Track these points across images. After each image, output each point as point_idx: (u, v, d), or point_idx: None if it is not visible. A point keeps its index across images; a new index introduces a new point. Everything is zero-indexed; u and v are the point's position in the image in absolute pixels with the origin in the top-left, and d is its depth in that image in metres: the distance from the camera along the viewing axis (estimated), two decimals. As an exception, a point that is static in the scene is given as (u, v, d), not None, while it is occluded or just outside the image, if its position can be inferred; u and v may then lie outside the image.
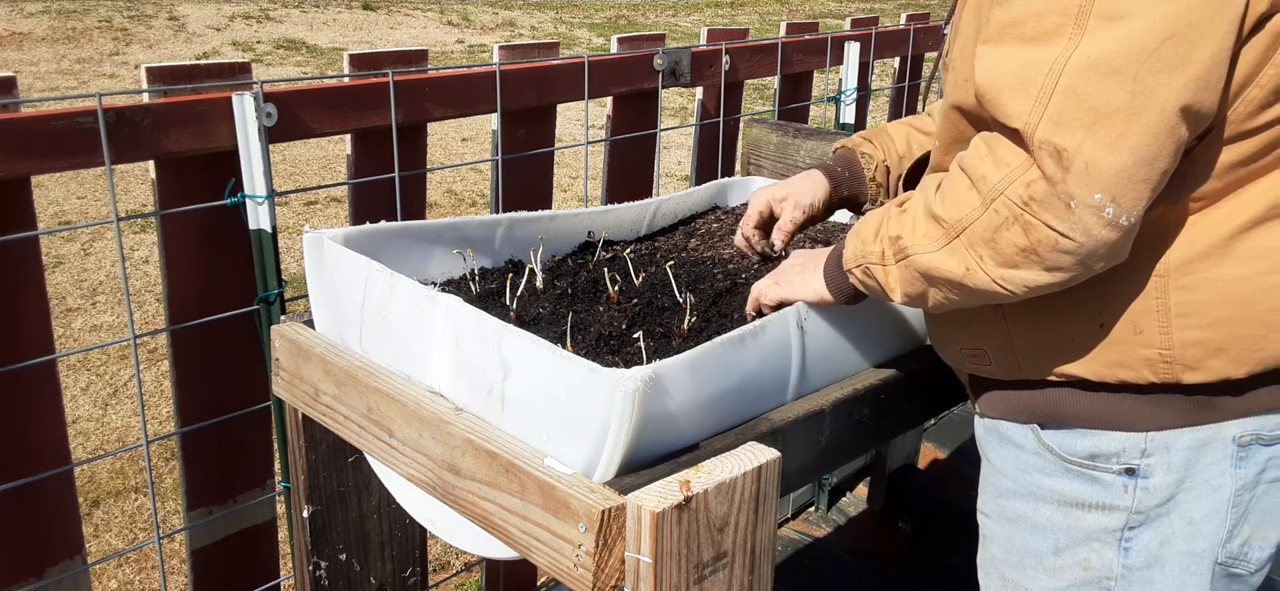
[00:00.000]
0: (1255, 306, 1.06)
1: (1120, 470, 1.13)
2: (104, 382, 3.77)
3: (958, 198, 1.04)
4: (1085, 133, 0.94)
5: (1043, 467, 1.19)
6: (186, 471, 1.74)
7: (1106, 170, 0.94)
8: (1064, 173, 0.95)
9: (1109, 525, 1.15)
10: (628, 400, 0.98)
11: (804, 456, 1.25)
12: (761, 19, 14.39)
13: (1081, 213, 0.96)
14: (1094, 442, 1.14)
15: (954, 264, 1.05)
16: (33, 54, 9.50)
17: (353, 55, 1.79)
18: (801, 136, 2.11)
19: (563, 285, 1.46)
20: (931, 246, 1.07)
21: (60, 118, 1.42)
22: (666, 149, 7.12)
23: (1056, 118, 0.95)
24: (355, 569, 1.58)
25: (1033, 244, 0.99)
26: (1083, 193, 0.95)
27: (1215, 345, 1.07)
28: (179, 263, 1.64)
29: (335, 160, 6.57)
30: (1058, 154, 0.95)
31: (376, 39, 11.77)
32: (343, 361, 1.29)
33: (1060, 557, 1.19)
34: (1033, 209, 0.98)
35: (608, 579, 0.99)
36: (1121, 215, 0.96)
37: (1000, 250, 1.01)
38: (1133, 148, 0.94)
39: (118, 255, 2.52)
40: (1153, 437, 1.12)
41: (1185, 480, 1.12)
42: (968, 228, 1.03)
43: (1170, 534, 1.14)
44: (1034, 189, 0.97)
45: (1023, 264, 1.01)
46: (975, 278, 1.04)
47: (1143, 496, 1.13)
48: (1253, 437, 1.11)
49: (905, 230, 1.11)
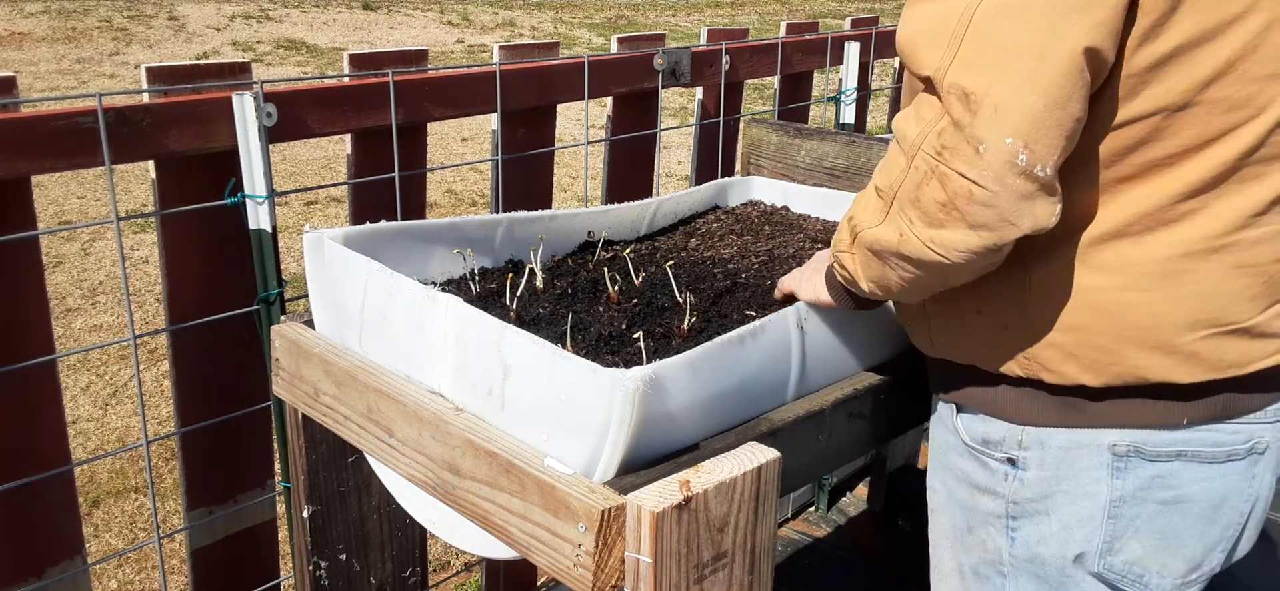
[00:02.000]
0: (1109, 318, 1.04)
1: (1003, 458, 1.17)
2: (104, 382, 3.77)
3: (889, 162, 1.03)
4: (995, 74, 0.92)
5: (956, 448, 1.23)
6: (186, 471, 1.74)
7: (1016, 111, 0.91)
8: (972, 116, 0.92)
9: (995, 510, 1.19)
10: (628, 400, 0.98)
11: (804, 456, 1.25)
12: (761, 19, 14.39)
13: (991, 157, 0.92)
14: (986, 428, 1.18)
15: (891, 233, 1.03)
16: (33, 54, 9.50)
17: (353, 55, 1.79)
18: (801, 136, 2.11)
19: (563, 285, 1.46)
20: (875, 220, 1.05)
21: (60, 118, 1.42)
22: (666, 149, 7.12)
23: (966, 60, 0.93)
24: (355, 569, 1.58)
25: (950, 196, 0.95)
26: (992, 136, 0.91)
27: (1068, 350, 1.07)
28: (179, 263, 1.64)
29: (335, 160, 6.58)
30: (965, 97, 0.93)
31: (376, 39, 11.77)
32: (343, 361, 1.29)
33: (971, 535, 1.24)
34: (945, 158, 0.95)
35: (608, 579, 0.99)
36: (1036, 164, 0.92)
37: (924, 209, 0.98)
38: (1042, 89, 0.91)
39: (118, 255, 2.52)
40: (1028, 432, 1.14)
41: (1059, 480, 1.13)
42: (898, 191, 1.01)
43: (1047, 533, 1.15)
44: (945, 137, 0.94)
45: (947, 221, 0.97)
46: (909, 244, 1.01)
47: (1019, 488, 1.16)
48: (1131, 449, 1.09)
49: (857, 209, 1.09)
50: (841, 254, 1.15)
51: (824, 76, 2.89)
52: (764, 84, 7.94)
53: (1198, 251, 1.02)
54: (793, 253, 1.68)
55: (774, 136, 2.15)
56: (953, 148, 0.94)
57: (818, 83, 2.85)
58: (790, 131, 2.13)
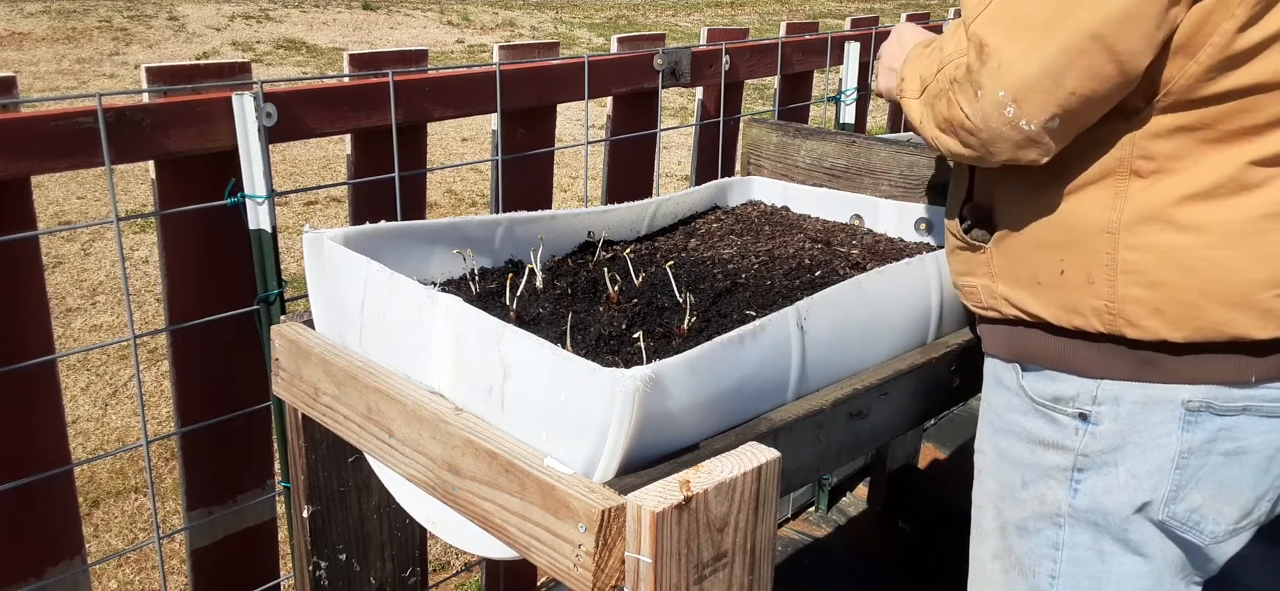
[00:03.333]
0: (1194, 274, 1.11)
1: (1075, 414, 1.22)
2: (104, 382, 3.77)
3: (930, 59, 1.21)
4: (1007, 35, 1.07)
5: (1020, 407, 1.28)
6: (186, 471, 1.73)
7: (1015, 73, 1.07)
8: (981, 65, 1.09)
9: (1061, 464, 1.24)
10: (628, 400, 0.98)
11: (804, 456, 1.25)
12: (761, 19, 14.39)
13: (984, 102, 1.09)
14: (1058, 386, 1.23)
15: (915, 114, 1.24)
16: (33, 54, 9.50)
17: (353, 55, 1.79)
18: (801, 136, 2.11)
19: (563, 285, 1.46)
20: (912, 93, 1.25)
21: (60, 118, 1.42)
22: (666, 149, 7.12)
23: (992, 16, 1.09)
24: (355, 569, 1.58)
25: (949, 116, 1.15)
26: (990, 85, 1.08)
27: (1153, 306, 1.13)
28: (179, 262, 1.64)
29: (335, 160, 6.57)
30: (981, 47, 1.09)
31: (376, 39, 11.77)
32: (342, 361, 1.29)
33: (1025, 491, 1.29)
34: (955, 89, 1.13)
35: (608, 579, 0.99)
36: (1022, 119, 1.08)
37: (936, 114, 1.18)
38: (1041, 59, 1.05)
39: (118, 255, 2.52)
40: (1104, 386, 1.19)
41: (1131, 433, 1.18)
42: (927, 88, 1.20)
43: (1115, 483, 1.21)
44: (958, 72, 1.13)
45: (945, 131, 1.17)
46: (924, 130, 1.22)
47: (1090, 441, 1.21)
48: (1203, 405, 1.16)
49: (908, 74, 1.27)
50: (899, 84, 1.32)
51: (824, 76, 2.89)
52: (764, 84, 7.94)
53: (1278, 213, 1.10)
54: (792, 252, 1.68)
55: (774, 136, 2.15)
56: (961, 84, 1.12)
57: (818, 83, 2.85)
58: (790, 131, 2.13)
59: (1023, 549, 1.30)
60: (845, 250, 1.71)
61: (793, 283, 1.52)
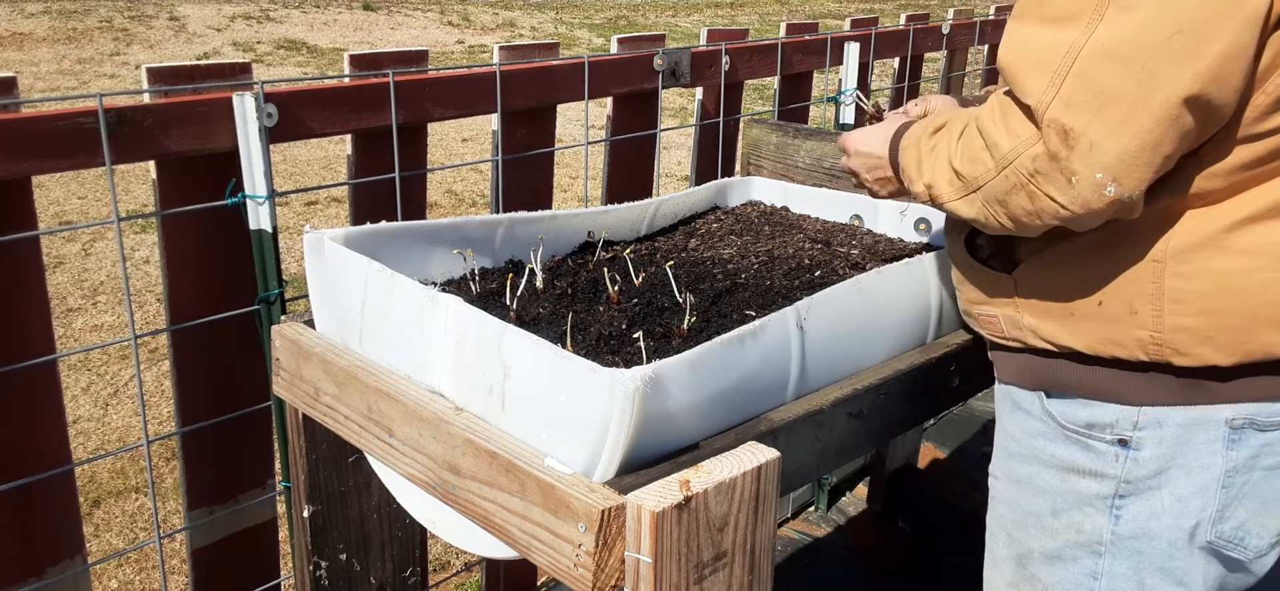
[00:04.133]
0: (1246, 299, 1.09)
1: (1113, 440, 1.19)
2: (104, 382, 3.77)
3: (974, 157, 1.13)
4: (1092, 116, 1.00)
5: (1046, 433, 1.24)
6: (187, 471, 1.74)
7: (1109, 152, 1.00)
8: (1069, 151, 1.02)
9: (1100, 492, 1.20)
10: (628, 400, 0.98)
11: (804, 456, 1.25)
12: (761, 19, 14.39)
13: (1082, 188, 1.03)
14: (1091, 413, 1.19)
15: (973, 212, 1.16)
16: (33, 54, 9.50)
17: (353, 55, 1.79)
18: (801, 136, 2.11)
19: (563, 285, 1.46)
20: (954, 195, 1.17)
21: (61, 118, 1.42)
22: (666, 149, 7.12)
23: (1067, 99, 1.02)
24: (355, 569, 1.58)
25: (1037, 209, 1.07)
26: (1085, 170, 1.02)
27: (1204, 333, 1.11)
28: (179, 262, 1.64)
29: (335, 160, 6.58)
30: (1064, 133, 1.02)
31: (377, 39, 11.77)
32: (343, 361, 1.29)
33: (1057, 520, 1.25)
34: (1038, 181, 1.05)
35: (608, 578, 0.99)
36: (1123, 193, 1.02)
37: (1010, 210, 1.10)
38: (1136, 133, 1.00)
39: (118, 255, 2.52)
40: (1145, 412, 1.16)
41: (1176, 456, 1.16)
42: (982, 187, 1.12)
43: (1160, 508, 1.18)
44: (1039, 164, 1.05)
45: (1029, 222, 1.10)
46: (993, 224, 1.14)
47: (1132, 467, 1.18)
48: (1246, 422, 1.14)
49: (936, 181, 1.20)
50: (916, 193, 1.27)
51: (824, 77, 2.89)
52: (764, 84, 7.94)
53: None
54: (792, 252, 1.68)
55: (774, 136, 2.16)
56: (1046, 174, 1.05)
57: (817, 83, 2.85)
58: (790, 131, 2.13)
59: (1053, 578, 1.26)
60: (845, 250, 1.71)
61: (793, 283, 1.52)
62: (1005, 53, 1.09)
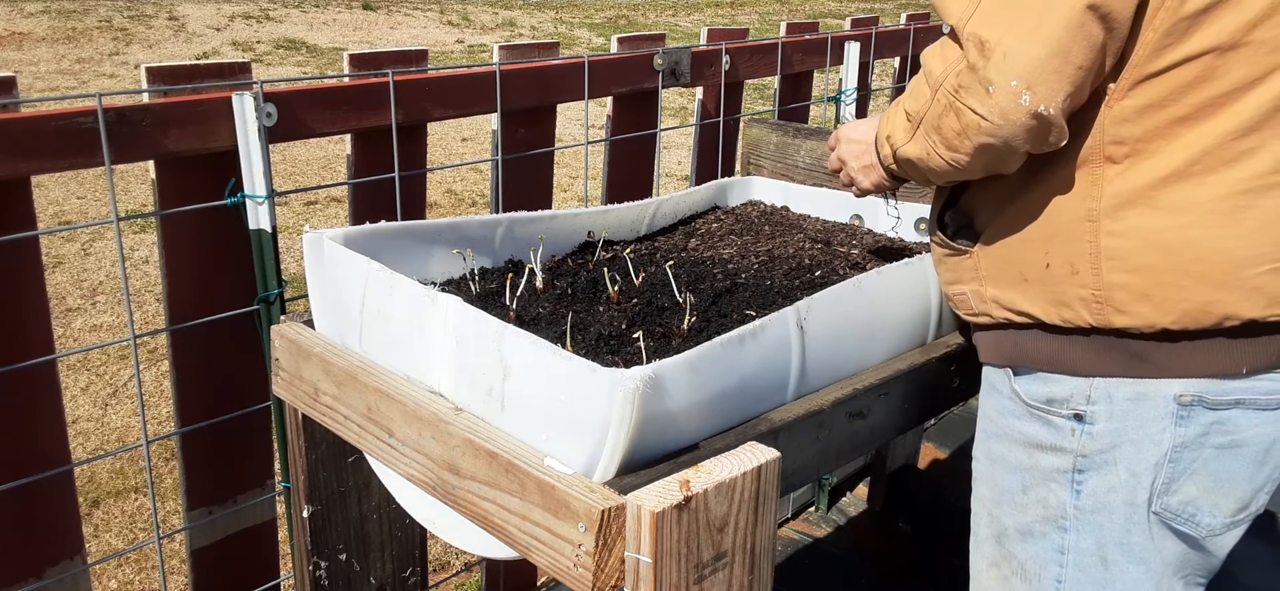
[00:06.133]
0: (1176, 255, 1.11)
1: (1069, 415, 1.22)
2: (104, 383, 3.77)
3: (917, 91, 1.19)
4: (1006, 27, 1.07)
5: (1014, 411, 1.28)
6: (186, 471, 1.73)
7: (1022, 58, 1.06)
8: (985, 61, 1.08)
9: (1061, 466, 1.24)
10: (628, 400, 0.98)
11: (804, 456, 1.25)
12: (761, 19, 14.39)
13: (999, 97, 1.07)
14: (1050, 388, 1.23)
15: (918, 149, 1.21)
16: (32, 54, 9.50)
17: (353, 55, 1.79)
18: (801, 136, 2.11)
19: (563, 285, 1.46)
20: (905, 138, 1.23)
21: (60, 118, 1.42)
22: (666, 149, 7.12)
23: (984, 14, 1.09)
24: (355, 569, 1.58)
25: (964, 127, 1.12)
26: (1000, 78, 1.07)
27: (1140, 290, 1.13)
28: (179, 263, 1.64)
29: (335, 160, 6.57)
30: (981, 45, 1.08)
31: (376, 39, 11.77)
32: (342, 361, 1.29)
33: (1026, 495, 1.28)
34: (961, 95, 1.11)
35: (608, 579, 0.99)
36: (1038, 103, 1.06)
37: (944, 135, 1.15)
38: (1045, 40, 1.05)
39: (118, 255, 2.52)
40: (1096, 385, 1.19)
41: (1126, 430, 1.19)
42: (923, 117, 1.18)
43: (1115, 482, 1.21)
44: (962, 78, 1.11)
45: (959, 146, 1.14)
46: (933, 160, 1.19)
47: (1087, 441, 1.21)
48: (1195, 399, 1.16)
49: (893, 129, 1.26)
50: (885, 158, 1.31)
51: (824, 76, 2.89)
52: (764, 84, 7.94)
53: (1257, 188, 1.10)
54: (792, 252, 1.68)
55: (774, 136, 2.15)
56: (968, 87, 1.10)
57: (818, 83, 2.85)
58: (790, 131, 2.13)
59: (1026, 554, 1.29)
60: (845, 250, 1.71)
61: (793, 282, 1.52)
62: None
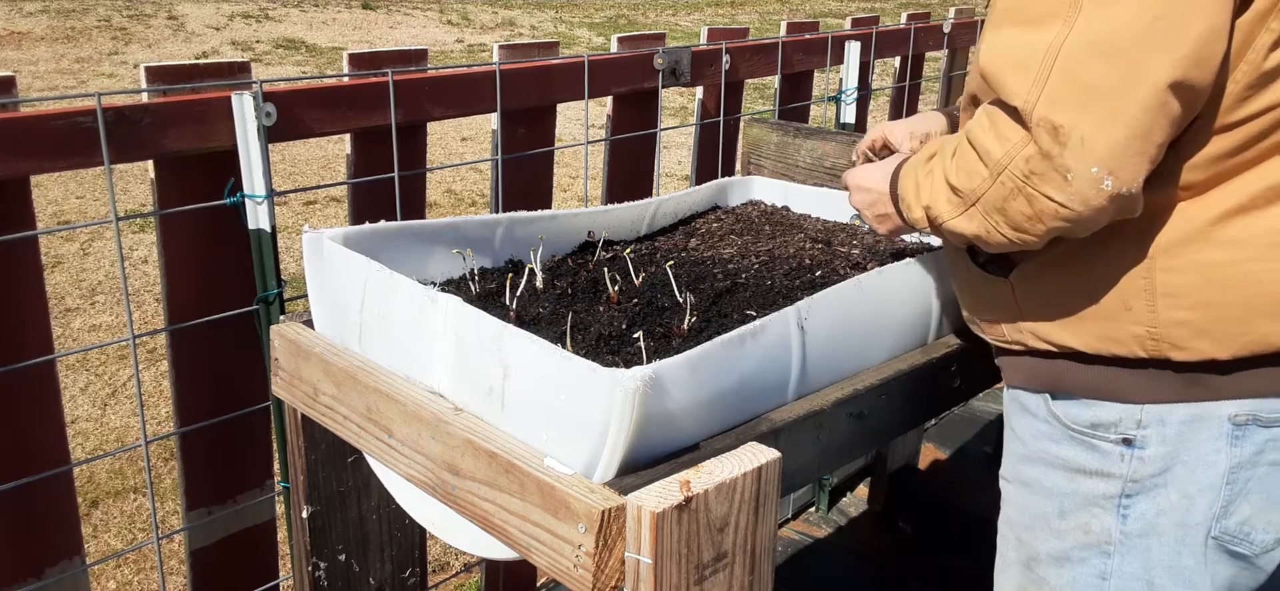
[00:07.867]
0: (1237, 290, 1.09)
1: (1118, 439, 1.19)
2: (103, 383, 3.76)
3: (968, 169, 1.12)
4: (1080, 111, 1.01)
5: (1051, 435, 1.25)
6: (186, 471, 1.73)
7: (1101, 145, 1.01)
8: (1062, 148, 1.02)
9: (1107, 491, 1.21)
10: (628, 400, 0.97)
11: (804, 456, 1.25)
12: (762, 18, 14.38)
13: (1079, 184, 1.02)
14: (1095, 412, 1.20)
15: (973, 227, 1.14)
16: (32, 53, 9.50)
17: (352, 55, 1.78)
18: (802, 136, 2.11)
19: (563, 285, 1.45)
20: (953, 213, 1.16)
21: (59, 117, 1.42)
22: (666, 149, 7.12)
23: (1053, 96, 1.02)
24: (355, 569, 1.57)
25: (1037, 212, 1.07)
26: (1080, 166, 1.02)
27: (1200, 327, 1.11)
28: (178, 262, 1.63)
29: (335, 160, 6.57)
30: (1055, 130, 1.02)
31: (376, 38, 11.77)
32: (342, 361, 1.29)
33: (1064, 521, 1.25)
34: (1033, 182, 1.05)
35: (608, 579, 0.99)
36: (1120, 187, 1.02)
37: (1010, 217, 1.09)
38: (1125, 124, 1.00)
39: (117, 255, 2.52)
40: (1148, 410, 1.17)
41: (1180, 453, 1.16)
42: (980, 198, 1.11)
43: (1166, 505, 1.18)
44: (1033, 164, 1.05)
45: (1028, 229, 1.09)
46: (994, 237, 1.13)
47: (1138, 466, 1.18)
48: (1249, 418, 1.14)
49: (934, 201, 1.20)
50: (923, 233, 1.28)
51: (824, 76, 2.89)
52: (764, 83, 7.93)
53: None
54: (793, 252, 1.68)
55: (774, 136, 2.15)
56: (1041, 174, 1.04)
57: (818, 82, 2.85)
58: (790, 131, 2.13)
59: (1061, 580, 1.26)
60: (846, 250, 1.71)
61: (793, 282, 1.52)
62: (986, 59, 1.09)
